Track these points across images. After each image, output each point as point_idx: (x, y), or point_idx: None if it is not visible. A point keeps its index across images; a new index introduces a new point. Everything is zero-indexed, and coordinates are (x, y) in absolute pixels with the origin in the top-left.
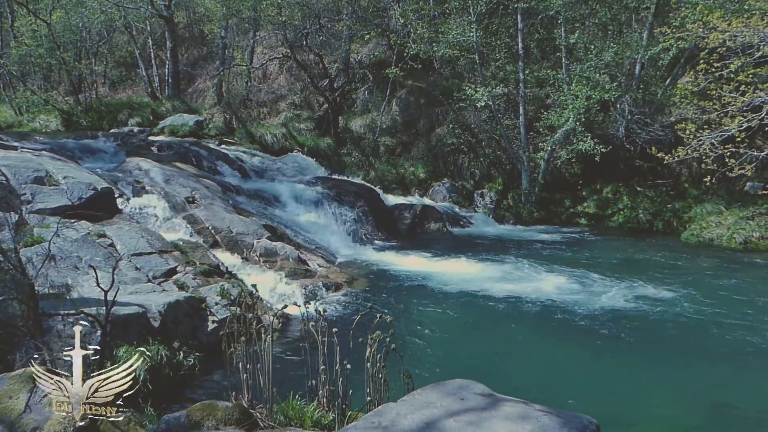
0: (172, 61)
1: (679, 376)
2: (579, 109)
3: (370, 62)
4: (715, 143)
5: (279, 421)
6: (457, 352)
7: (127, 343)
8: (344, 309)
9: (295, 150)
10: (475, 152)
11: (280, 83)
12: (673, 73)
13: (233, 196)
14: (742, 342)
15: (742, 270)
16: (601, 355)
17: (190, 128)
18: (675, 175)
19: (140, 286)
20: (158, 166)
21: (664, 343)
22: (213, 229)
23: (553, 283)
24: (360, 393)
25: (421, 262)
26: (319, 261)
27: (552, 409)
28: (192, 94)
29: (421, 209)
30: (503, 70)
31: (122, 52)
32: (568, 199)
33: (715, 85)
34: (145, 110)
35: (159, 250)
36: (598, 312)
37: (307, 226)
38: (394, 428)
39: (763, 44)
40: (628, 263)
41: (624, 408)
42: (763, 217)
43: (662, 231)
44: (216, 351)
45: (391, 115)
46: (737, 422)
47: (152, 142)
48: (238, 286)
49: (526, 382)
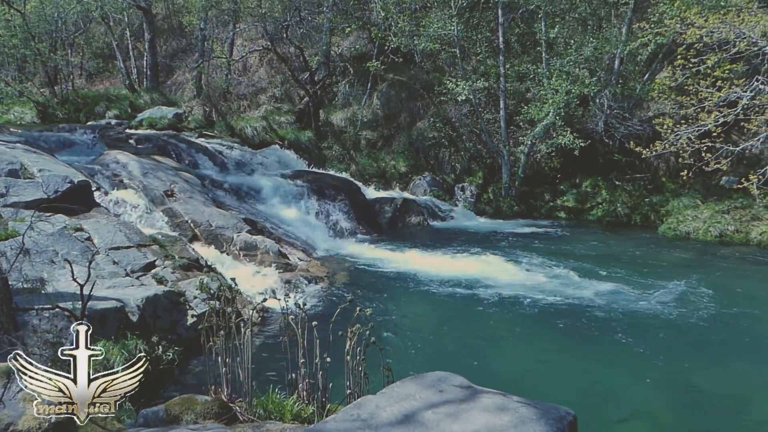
0: (150, 52)
1: (656, 366)
2: (559, 103)
3: (351, 55)
4: (692, 138)
5: (258, 414)
6: (437, 345)
7: (105, 338)
8: (324, 302)
9: (276, 143)
10: (455, 146)
11: (261, 76)
12: (651, 68)
13: (213, 190)
14: (717, 333)
15: (717, 263)
16: (579, 346)
17: (169, 121)
18: (653, 170)
19: (118, 281)
20: (136, 159)
21: (641, 335)
22: (192, 222)
23: (532, 276)
24: (340, 386)
25: (402, 255)
26: (300, 255)
27: (530, 400)
28: (171, 87)
29: (401, 203)
30: (484, 64)
31: (99, 43)
32: (548, 193)
33: (692, 80)
34: (123, 102)
35: (137, 244)
36: (576, 304)
37: (287, 220)
38: (373, 421)
39: (739, 40)
40: (606, 257)
41: (601, 399)
42: (738, 211)
43: (640, 224)
44: (195, 345)
45: (372, 108)
46: (712, 411)
47: (130, 134)
48: (217, 280)
49: (505, 374)
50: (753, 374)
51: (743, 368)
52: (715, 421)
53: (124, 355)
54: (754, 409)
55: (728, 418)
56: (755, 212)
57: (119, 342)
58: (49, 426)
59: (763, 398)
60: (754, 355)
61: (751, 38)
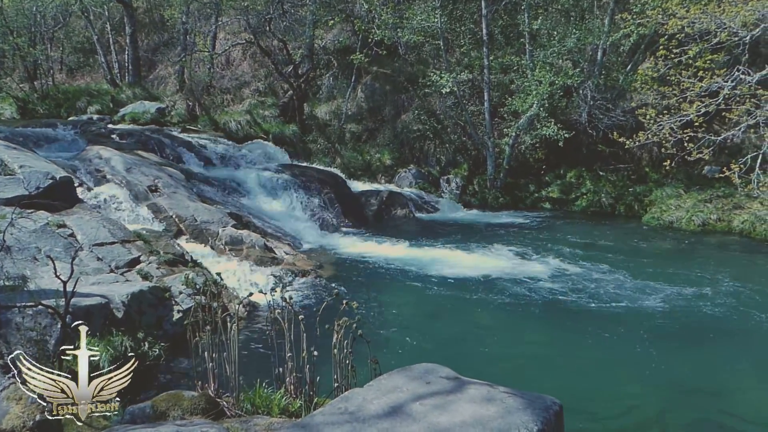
0: (131, 47)
1: (640, 355)
2: (542, 94)
3: (335, 48)
4: (674, 128)
5: (246, 409)
6: (424, 337)
7: (90, 335)
8: (311, 296)
9: (260, 137)
10: (440, 138)
11: (244, 69)
12: (633, 59)
13: (197, 185)
14: (699, 321)
15: (700, 251)
16: (565, 336)
17: (151, 116)
18: (636, 160)
19: (102, 277)
20: (119, 155)
21: (625, 324)
22: (177, 217)
23: (518, 266)
24: (327, 379)
25: (388, 248)
26: (286, 248)
27: (516, 390)
28: (153, 81)
29: (387, 195)
30: (468, 56)
31: (79, 37)
32: (533, 184)
33: (674, 70)
34: (104, 98)
35: (121, 239)
36: (562, 294)
37: (273, 214)
38: (361, 413)
39: (720, 31)
40: (590, 246)
41: (586, 388)
42: (720, 200)
43: (624, 214)
44: (182, 341)
45: (356, 101)
46: (696, 398)
47: (113, 130)
48: (202, 275)
49: (491, 365)
50: (735, 360)
51: (726, 355)
52: (699, 407)
53: (109, 352)
54: (736, 394)
55: (712, 404)
56: (737, 201)
57: (104, 339)
58: (34, 424)
59: (745, 384)
60: (736, 342)
61: (731, 28)
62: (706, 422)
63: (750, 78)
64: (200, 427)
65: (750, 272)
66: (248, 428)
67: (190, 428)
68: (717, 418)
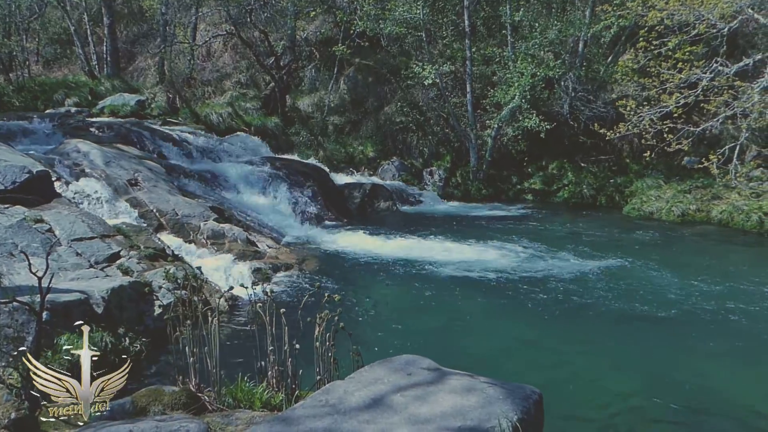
0: (110, 38)
1: (620, 344)
2: (524, 86)
3: (317, 40)
4: (654, 119)
5: (227, 403)
6: (406, 329)
7: (69, 331)
8: (294, 289)
9: (242, 130)
10: (423, 130)
11: (225, 61)
12: (614, 50)
13: (178, 178)
14: (678, 309)
15: (679, 241)
16: (546, 326)
17: (131, 108)
18: (617, 151)
19: (82, 272)
20: (98, 148)
21: (605, 314)
22: (157, 211)
23: (500, 258)
24: (310, 373)
25: (371, 241)
26: (268, 242)
27: (497, 380)
28: (132, 73)
29: (370, 188)
30: (450, 47)
31: (56, 28)
32: (515, 176)
33: (654, 62)
34: (82, 90)
35: (101, 234)
36: (543, 285)
37: (255, 207)
38: (342, 406)
39: (699, 23)
40: (572, 237)
41: (567, 377)
42: (700, 190)
43: (605, 205)
44: (163, 336)
45: (339, 93)
46: (675, 387)
47: (91, 123)
48: (183, 270)
49: (473, 355)
50: (713, 347)
51: (705, 344)
52: (676, 394)
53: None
54: (715, 383)
55: (689, 391)
56: (716, 191)
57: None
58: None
59: (722, 370)
60: (714, 330)
61: (710, 20)
62: (684, 409)
63: (728, 69)
64: (180, 421)
65: (728, 261)
66: (229, 422)
67: (170, 423)
68: (695, 406)
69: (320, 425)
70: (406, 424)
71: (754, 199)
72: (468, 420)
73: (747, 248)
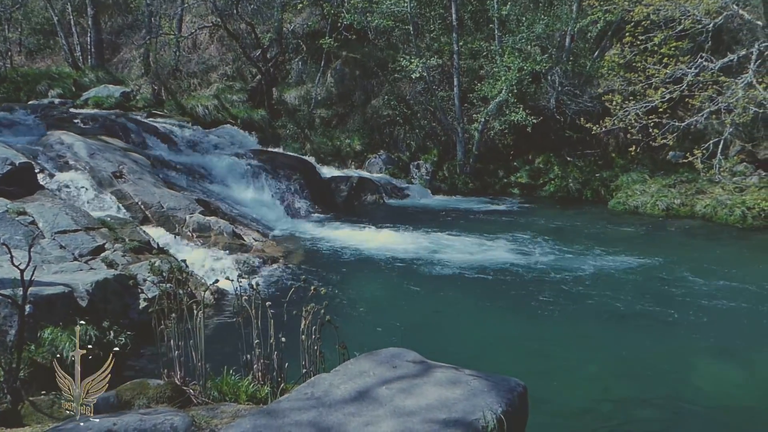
0: (94, 29)
1: (604, 336)
2: (511, 80)
3: (304, 32)
4: (639, 114)
5: (213, 396)
6: (392, 322)
7: (53, 325)
8: (280, 282)
9: (228, 122)
10: (410, 124)
11: (211, 53)
12: (601, 45)
13: (164, 170)
14: (661, 302)
15: (663, 235)
16: (531, 319)
17: (116, 100)
18: (603, 145)
19: (66, 265)
20: (82, 140)
21: (589, 306)
22: (143, 204)
23: (486, 251)
24: (296, 366)
25: (358, 234)
26: (255, 235)
27: (481, 373)
28: (117, 65)
29: (357, 181)
30: (437, 41)
31: (39, 18)
32: (502, 170)
33: (640, 57)
34: (66, 81)
35: (85, 227)
36: (528, 278)
37: (241, 200)
38: (327, 398)
39: (684, 18)
40: (557, 231)
41: (551, 370)
42: (684, 185)
43: (591, 199)
44: (148, 329)
45: (326, 86)
46: (658, 380)
47: (75, 114)
48: (168, 263)
49: (458, 348)
50: (696, 343)
51: (688, 337)
52: (660, 387)
53: (73, 342)
54: (696, 373)
55: (672, 383)
56: (700, 186)
57: (68, 328)
58: None
59: (704, 362)
60: (696, 322)
61: (695, 16)
62: (667, 401)
63: (712, 65)
64: (165, 415)
65: (711, 256)
66: (215, 415)
67: (154, 416)
68: (677, 398)
69: (305, 418)
70: (391, 416)
71: (737, 193)
72: (453, 412)
73: (730, 243)
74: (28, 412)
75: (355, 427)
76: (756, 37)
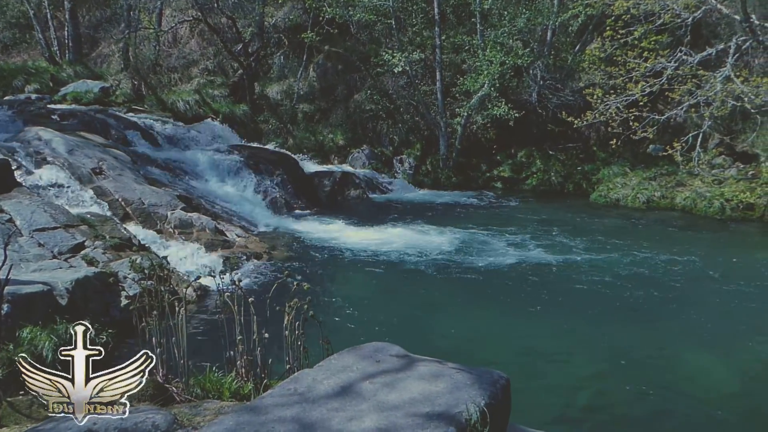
0: (71, 23)
1: (586, 328)
2: (493, 74)
3: (286, 26)
4: (620, 107)
5: (196, 394)
6: (376, 316)
7: (32, 324)
8: (263, 278)
9: (210, 117)
10: (393, 118)
11: (192, 48)
12: (582, 39)
13: (144, 167)
14: (643, 293)
15: (644, 228)
16: (513, 311)
17: (95, 95)
18: (584, 139)
19: (45, 263)
20: (60, 136)
21: (571, 298)
22: (123, 201)
23: (469, 245)
24: (279, 362)
25: (341, 229)
26: (238, 231)
27: (465, 366)
28: (96, 59)
29: (340, 176)
30: (420, 35)
31: (14, 12)
32: (484, 164)
33: (620, 51)
34: (43, 76)
35: (64, 224)
36: (511, 271)
37: (224, 196)
38: (311, 394)
39: (664, 12)
40: (540, 225)
41: (534, 362)
42: (664, 177)
43: (573, 192)
44: (130, 327)
45: (308, 81)
46: (639, 370)
47: (53, 110)
48: (150, 259)
49: (441, 342)
50: (676, 330)
51: (667, 324)
52: (642, 376)
53: (53, 341)
54: (677, 364)
55: (655, 373)
56: (679, 178)
57: (48, 327)
58: None
59: (685, 352)
60: (677, 312)
61: (674, 10)
62: (649, 391)
63: (692, 59)
64: (146, 413)
65: (690, 247)
66: (197, 413)
67: (136, 415)
68: (660, 387)
69: (288, 414)
70: (374, 411)
71: (716, 185)
72: (436, 406)
73: (709, 234)
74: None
75: (339, 422)
76: (734, 31)
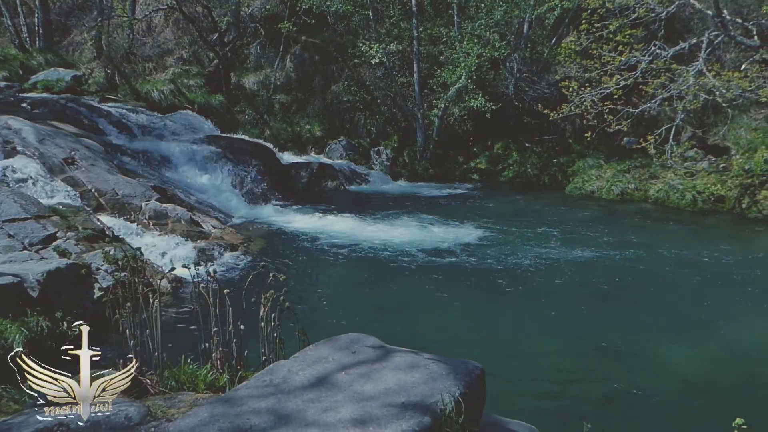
0: (41, 9)
1: (559, 319)
2: (470, 66)
3: (262, 16)
4: (595, 100)
5: (170, 386)
6: (352, 307)
7: (2, 316)
8: (239, 270)
9: (185, 107)
10: (371, 110)
11: (167, 36)
12: (558, 32)
13: (118, 157)
14: (615, 283)
15: (617, 219)
16: (488, 303)
17: (66, 84)
18: (560, 131)
19: (15, 255)
20: (31, 125)
21: (546, 288)
22: (96, 191)
23: (444, 236)
24: (255, 353)
25: (318, 220)
26: (214, 222)
27: (440, 356)
28: (67, 47)
29: (317, 168)
30: (397, 27)
31: None
32: (462, 156)
33: (595, 44)
34: (12, 63)
35: (35, 215)
36: (485, 262)
37: (199, 187)
38: (286, 385)
39: (638, 6)
40: (516, 216)
41: (508, 352)
42: (638, 170)
43: (548, 184)
44: (103, 319)
45: (285, 71)
46: (614, 359)
47: (23, 98)
48: (123, 251)
49: (417, 333)
50: (647, 318)
51: (639, 315)
52: (614, 364)
53: (24, 333)
54: (652, 355)
55: (626, 361)
56: (653, 171)
57: (18, 319)
58: None
59: (658, 341)
60: (649, 302)
61: (649, 5)
62: (621, 378)
63: (665, 53)
64: (119, 405)
65: (663, 238)
66: (172, 405)
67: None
68: (632, 374)
69: (264, 405)
70: (350, 401)
71: (688, 178)
72: (412, 396)
73: (681, 225)
74: None
75: (314, 413)
76: (706, 26)
